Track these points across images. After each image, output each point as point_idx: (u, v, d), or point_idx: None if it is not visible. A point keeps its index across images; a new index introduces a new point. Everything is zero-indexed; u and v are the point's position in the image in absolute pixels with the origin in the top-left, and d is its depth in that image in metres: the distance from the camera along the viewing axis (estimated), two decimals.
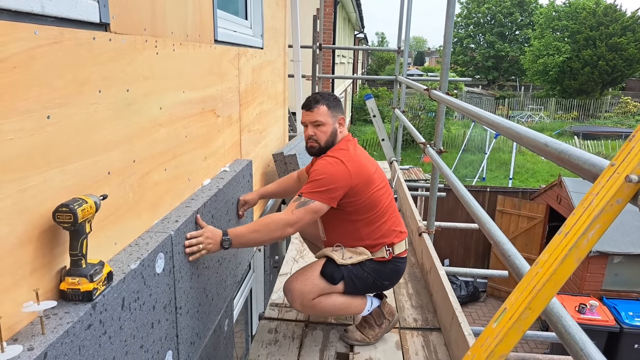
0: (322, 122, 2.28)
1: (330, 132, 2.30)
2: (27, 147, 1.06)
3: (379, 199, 2.30)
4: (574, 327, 1.07)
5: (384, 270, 2.36)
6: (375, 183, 2.28)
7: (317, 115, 2.28)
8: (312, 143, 2.32)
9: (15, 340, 1.06)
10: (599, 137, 21.42)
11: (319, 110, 2.28)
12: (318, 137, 2.29)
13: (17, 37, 1.01)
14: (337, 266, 2.28)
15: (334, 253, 2.31)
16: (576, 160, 1.05)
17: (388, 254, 2.35)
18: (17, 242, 1.06)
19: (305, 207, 2.11)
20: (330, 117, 2.30)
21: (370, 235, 2.32)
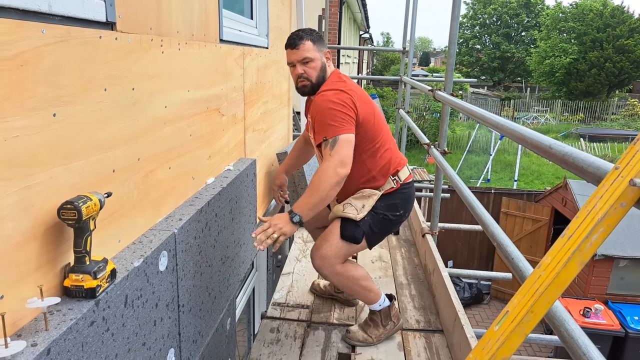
0: (310, 58, 2.22)
1: (320, 67, 2.26)
2: (34, 144, 1.07)
3: (380, 127, 2.30)
4: (577, 331, 1.06)
5: (395, 202, 2.33)
6: (373, 110, 2.28)
7: (304, 52, 2.22)
8: (303, 82, 2.27)
9: (19, 336, 1.06)
10: (605, 140, 21.32)
11: (304, 46, 2.22)
12: (308, 74, 2.24)
13: (24, 35, 1.01)
14: (354, 224, 2.26)
15: (347, 211, 2.28)
16: (580, 163, 1.05)
17: (395, 183, 2.33)
18: (23, 238, 1.07)
19: (339, 142, 2.07)
20: (317, 52, 2.25)
21: (375, 166, 2.30)
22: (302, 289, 3.04)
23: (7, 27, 0.97)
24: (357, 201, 2.29)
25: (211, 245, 2.15)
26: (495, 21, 39.89)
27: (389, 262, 3.50)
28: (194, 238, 1.93)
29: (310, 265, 3.35)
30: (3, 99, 0.97)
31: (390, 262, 3.52)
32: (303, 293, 2.98)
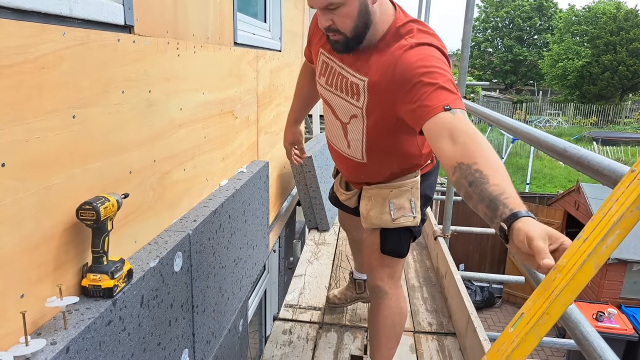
0: (338, 2, 1.42)
1: (359, 12, 1.44)
2: (53, 145, 1.09)
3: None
4: (592, 334, 1.06)
5: (430, 180, 1.90)
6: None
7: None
8: (335, 36, 1.52)
9: (38, 334, 1.08)
10: (618, 143, 21.09)
11: None
12: (341, 25, 1.47)
13: (46, 38, 1.04)
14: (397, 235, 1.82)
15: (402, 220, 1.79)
16: (596, 166, 1.05)
17: (432, 159, 1.90)
18: (42, 238, 1.08)
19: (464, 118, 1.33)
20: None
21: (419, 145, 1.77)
22: (314, 290, 3.04)
23: (30, 30, 0.99)
24: (401, 200, 1.80)
25: (224, 247, 2.17)
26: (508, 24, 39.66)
27: None
28: (207, 239, 1.95)
29: (322, 267, 3.36)
30: (25, 101, 0.99)
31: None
32: (315, 295, 2.99)
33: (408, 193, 1.80)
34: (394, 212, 1.79)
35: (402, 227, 1.81)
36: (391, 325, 1.97)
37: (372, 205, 1.84)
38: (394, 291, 1.92)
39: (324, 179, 3.93)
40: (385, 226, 1.82)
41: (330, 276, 3.25)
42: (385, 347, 1.99)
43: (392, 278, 1.90)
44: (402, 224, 1.80)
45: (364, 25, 1.48)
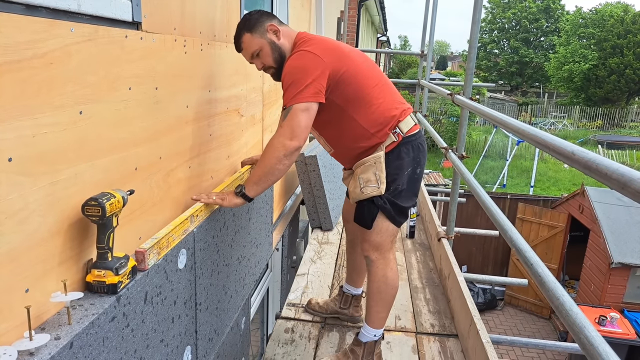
0: (256, 49, 1.99)
1: (271, 49, 2.00)
2: (61, 141, 1.09)
3: (369, 76, 2.04)
4: (597, 338, 1.05)
5: (401, 158, 2.07)
6: (352, 58, 2.01)
7: (247, 48, 2.00)
8: (269, 71, 2.08)
9: (42, 329, 1.08)
10: (623, 147, 21.01)
11: (244, 43, 1.99)
12: (267, 62, 2.02)
13: (54, 34, 1.04)
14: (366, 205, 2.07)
15: (368, 191, 2.06)
16: (604, 170, 1.04)
17: (397, 137, 2.05)
18: (48, 233, 1.09)
19: (292, 111, 1.85)
20: (259, 38, 1.97)
21: (371, 122, 2.03)
22: (317, 290, 3.04)
23: (39, 26, 0.99)
24: (367, 174, 2.06)
25: (228, 245, 2.17)
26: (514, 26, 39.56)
27: (404, 266, 3.49)
28: (212, 237, 1.95)
29: (325, 267, 3.36)
30: (33, 96, 0.99)
31: (405, 265, 3.51)
32: (318, 294, 2.98)
33: (373, 167, 2.06)
34: (362, 184, 2.08)
35: (368, 200, 2.07)
36: (377, 292, 2.19)
37: (352, 181, 2.17)
38: (380, 261, 2.15)
39: (327, 178, 3.92)
40: (358, 198, 2.10)
41: (333, 275, 3.25)
42: (374, 311, 2.23)
43: (377, 249, 2.14)
44: (369, 194, 2.06)
45: (279, 56, 2.02)
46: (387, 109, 2.05)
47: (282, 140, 1.84)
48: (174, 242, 1.60)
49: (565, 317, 1.16)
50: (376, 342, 2.23)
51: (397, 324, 2.69)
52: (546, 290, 1.29)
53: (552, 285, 1.28)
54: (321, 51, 1.92)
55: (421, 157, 2.14)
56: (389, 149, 2.06)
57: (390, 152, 2.06)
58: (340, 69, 1.95)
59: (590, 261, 8.41)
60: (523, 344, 2.65)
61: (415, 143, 2.10)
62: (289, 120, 1.85)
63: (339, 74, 1.94)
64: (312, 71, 1.88)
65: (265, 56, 2.00)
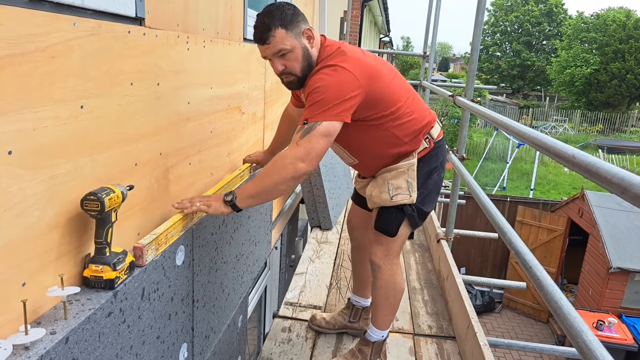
0: (287, 49, 1.75)
1: (302, 55, 1.79)
2: (61, 135, 1.09)
3: (399, 89, 1.94)
4: (594, 342, 1.05)
5: (431, 166, 2.04)
6: (384, 72, 1.89)
7: (277, 45, 1.74)
8: (288, 78, 1.84)
9: (38, 323, 1.08)
10: (624, 152, 21.01)
11: (275, 38, 1.73)
12: (291, 68, 1.80)
13: (57, 27, 1.03)
14: (392, 212, 1.98)
15: (399, 198, 1.96)
16: (604, 174, 1.03)
17: (429, 143, 2.01)
18: (46, 227, 1.08)
19: (312, 132, 1.68)
20: (294, 38, 1.76)
21: (405, 132, 1.95)
22: (315, 289, 3.04)
23: (42, 19, 0.99)
24: (398, 181, 1.97)
25: (227, 242, 2.17)
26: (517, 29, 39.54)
27: (402, 267, 3.49)
28: (210, 234, 1.95)
29: (323, 266, 3.35)
30: (34, 90, 0.99)
31: (404, 266, 3.51)
32: (316, 294, 2.98)
33: (405, 174, 1.98)
34: (392, 191, 1.98)
35: (396, 208, 1.99)
36: (384, 297, 2.16)
37: (375, 186, 2.05)
38: (387, 267, 2.09)
39: (328, 177, 3.92)
40: (384, 204, 2.00)
41: (332, 275, 3.24)
42: (380, 315, 2.22)
43: (387, 255, 2.08)
44: (399, 202, 1.97)
45: (308, 65, 1.83)
46: (419, 118, 1.98)
47: (294, 161, 1.67)
48: (173, 239, 1.60)
49: (563, 321, 1.16)
50: (383, 341, 2.27)
51: (394, 325, 2.69)
52: (544, 293, 1.29)
53: (550, 288, 1.28)
54: (359, 72, 1.76)
55: (445, 162, 2.15)
56: (420, 155, 2.00)
57: (421, 158, 2.01)
58: (375, 90, 1.82)
59: (589, 265, 8.41)
60: (520, 347, 2.66)
61: (443, 148, 2.10)
62: (307, 141, 1.68)
63: (372, 95, 1.81)
64: (346, 91, 1.73)
65: (293, 60, 1.79)
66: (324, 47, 1.87)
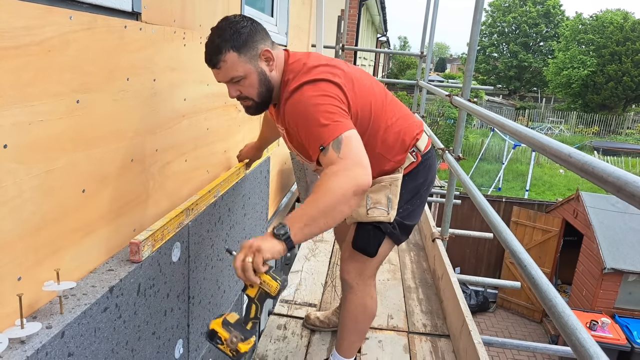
0: (239, 76, 1.55)
1: (259, 81, 1.59)
2: (57, 129, 1.08)
3: (375, 95, 1.74)
4: (588, 340, 1.06)
5: (418, 181, 1.86)
6: (358, 78, 1.69)
7: (227, 70, 1.54)
8: (246, 102, 1.66)
9: (34, 317, 1.08)
10: (619, 154, 21.11)
11: (226, 63, 1.52)
12: (247, 93, 1.60)
13: (52, 21, 1.03)
14: (371, 230, 1.81)
15: (375, 214, 1.78)
16: (600, 173, 1.04)
17: (416, 156, 1.83)
18: (42, 221, 1.08)
19: (344, 141, 1.43)
20: (247, 63, 1.54)
21: (388, 148, 1.77)
22: (310, 287, 3.04)
23: (37, 12, 0.98)
24: (378, 195, 1.79)
25: (223, 240, 2.16)
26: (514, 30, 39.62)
27: (398, 265, 3.50)
28: (206, 231, 1.95)
29: (319, 265, 3.36)
30: (29, 84, 0.99)
31: (399, 265, 3.51)
32: (311, 292, 2.98)
33: (386, 189, 1.80)
34: (369, 204, 1.80)
35: (374, 225, 1.81)
36: (353, 321, 1.99)
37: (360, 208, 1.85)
38: (360, 287, 1.93)
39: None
40: (360, 219, 1.82)
41: (327, 273, 3.25)
42: (347, 341, 2.05)
43: (360, 275, 1.92)
44: (374, 218, 1.79)
45: (266, 90, 1.62)
46: (404, 131, 1.81)
47: (352, 173, 1.38)
48: (169, 235, 1.60)
49: (557, 319, 1.16)
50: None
51: (389, 323, 2.69)
52: (539, 292, 1.30)
53: (545, 287, 1.29)
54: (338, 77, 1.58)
55: (434, 176, 1.98)
56: (407, 170, 1.83)
57: (407, 173, 1.84)
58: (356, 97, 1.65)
59: (583, 266, 8.45)
60: (514, 346, 2.67)
61: (431, 160, 1.93)
62: (348, 150, 1.41)
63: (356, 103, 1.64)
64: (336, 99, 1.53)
65: (248, 86, 1.59)
66: (288, 65, 1.65)
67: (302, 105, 1.51)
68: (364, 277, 1.93)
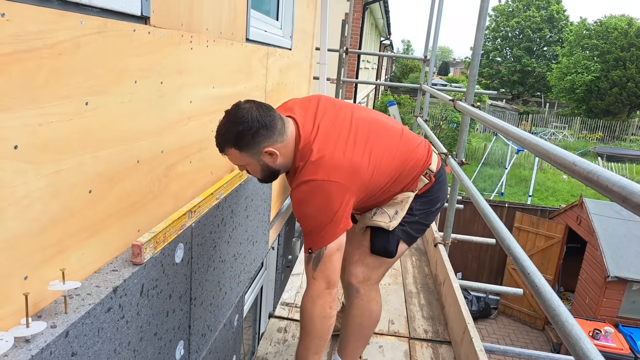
0: (242, 165, 1.74)
1: (262, 170, 1.74)
2: (66, 130, 1.10)
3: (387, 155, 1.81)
4: (592, 350, 1.06)
5: (431, 197, 1.97)
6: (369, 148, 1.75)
7: (233, 160, 1.71)
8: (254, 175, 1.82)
9: (39, 317, 1.09)
10: (623, 160, 21.05)
11: (231, 156, 1.69)
12: (252, 174, 1.80)
13: (65, 25, 1.04)
14: (386, 234, 1.91)
15: (377, 218, 1.90)
16: (605, 182, 1.04)
17: (429, 178, 1.93)
18: (49, 222, 1.09)
19: (322, 259, 1.66)
20: (248, 157, 1.67)
21: (403, 182, 1.89)
22: None
23: (50, 16, 1.00)
24: (389, 208, 1.92)
25: (225, 241, 2.17)
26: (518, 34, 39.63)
27: (399, 270, 3.50)
28: (209, 232, 1.96)
29: None
30: (41, 86, 1.00)
31: (400, 269, 3.52)
32: None
33: (397, 205, 1.92)
34: (376, 214, 1.92)
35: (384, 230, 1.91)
36: (359, 326, 2.03)
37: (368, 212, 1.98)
38: (366, 292, 1.97)
39: None
40: (365, 223, 1.95)
41: None
42: (351, 346, 2.08)
43: (367, 279, 1.96)
44: (376, 223, 1.91)
45: (270, 174, 1.77)
46: (416, 164, 1.89)
47: (321, 296, 1.68)
48: (171, 237, 1.61)
49: (560, 328, 1.16)
50: None
51: (390, 328, 2.70)
52: (542, 300, 1.30)
53: (548, 295, 1.29)
54: (345, 177, 1.65)
55: (446, 192, 2.07)
56: (421, 192, 1.94)
57: (422, 193, 1.94)
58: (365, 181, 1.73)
59: (586, 274, 8.42)
60: (516, 353, 2.66)
61: (443, 177, 2.02)
62: (323, 269, 1.66)
63: (364, 186, 1.74)
64: (337, 204, 1.64)
65: (252, 171, 1.77)
66: (298, 149, 1.71)
67: (302, 204, 1.68)
68: (371, 281, 1.97)
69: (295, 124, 1.75)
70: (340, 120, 1.79)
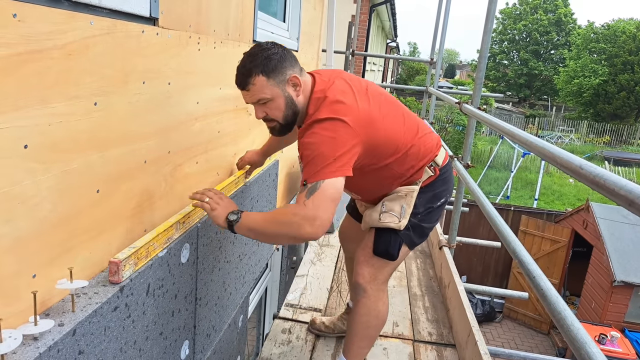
0: (267, 98, 1.64)
1: (286, 105, 1.68)
2: (75, 130, 1.11)
3: (393, 125, 1.79)
4: (598, 355, 1.06)
5: (435, 191, 1.94)
6: (381, 111, 1.76)
7: (255, 92, 1.63)
8: (271, 124, 1.74)
9: (47, 315, 1.10)
10: (630, 164, 20.91)
11: (255, 86, 1.61)
12: (273, 115, 1.69)
13: (74, 26, 1.05)
14: (389, 234, 1.89)
15: (386, 220, 1.88)
16: (611, 185, 1.04)
17: (434, 171, 1.91)
18: (57, 221, 1.10)
19: (318, 191, 1.55)
20: (275, 87, 1.63)
21: (408, 166, 1.86)
22: (316, 292, 3.05)
23: (60, 17, 1.01)
24: (393, 203, 1.89)
25: (231, 242, 2.18)
26: (525, 37, 39.51)
27: (404, 272, 3.49)
28: (215, 233, 1.96)
29: (325, 269, 3.36)
30: (51, 86, 1.01)
31: (405, 272, 3.51)
32: (316, 296, 2.99)
33: (402, 199, 1.90)
34: (383, 210, 1.91)
35: (391, 231, 1.90)
36: (365, 326, 2.00)
37: (373, 210, 1.97)
38: (374, 292, 1.96)
39: None
40: (373, 225, 1.93)
41: (333, 278, 3.25)
42: (357, 346, 2.05)
43: (375, 279, 1.95)
44: (385, 224, 1.89)
45: (292, 114, 1.71)
46: (423, 150, 1.88)
47: (301, 222, 1.55)
48: (155, 251, 1.61)
49: (566, 332, 1.16)
50: None
51: (394, 331, 2.69)
52: (548, 304, 1.30)
53: (554, 299, 1.28)
54: (355, 121, 1.63)
55: (451, 188, 2.04)
56: (425, 184, 1.92)
57: (425, 186, 1.92)
58: (372, 136, 1.71)
59: (592, 278, 8.38)
60: (521, 357, 2.66)
61: (448, 174, 2.00)
62: (316, 202, 1.55)
63: (370, 142, 1.71)
64: (343, 143, 1.61)
65: (274, 109, 1.68)
66: (313, 95, 1.72)
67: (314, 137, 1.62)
68: (378, 282, 1.96)
69: (312, 76, 1.79)
70: (354, 83, 1.78)
